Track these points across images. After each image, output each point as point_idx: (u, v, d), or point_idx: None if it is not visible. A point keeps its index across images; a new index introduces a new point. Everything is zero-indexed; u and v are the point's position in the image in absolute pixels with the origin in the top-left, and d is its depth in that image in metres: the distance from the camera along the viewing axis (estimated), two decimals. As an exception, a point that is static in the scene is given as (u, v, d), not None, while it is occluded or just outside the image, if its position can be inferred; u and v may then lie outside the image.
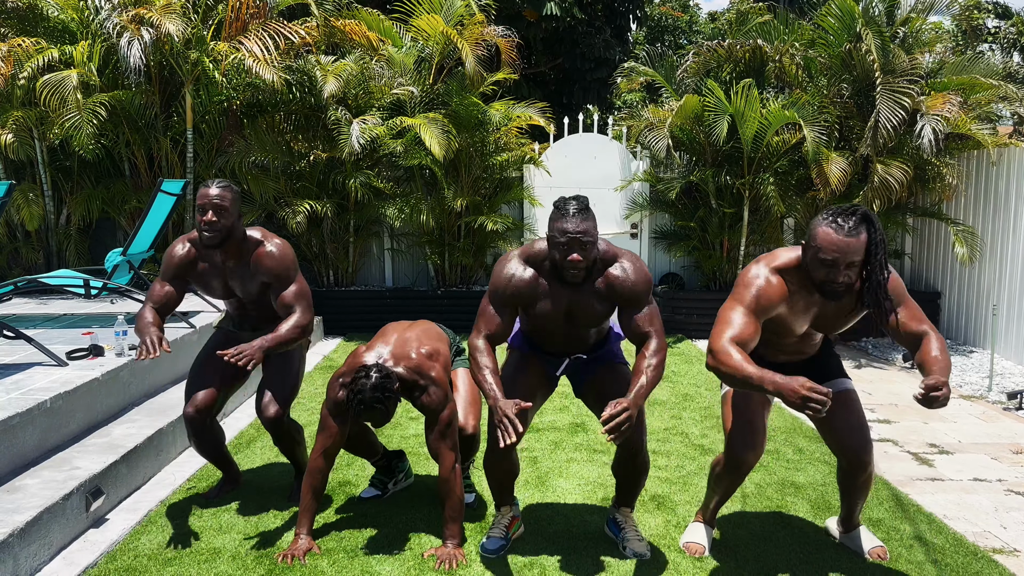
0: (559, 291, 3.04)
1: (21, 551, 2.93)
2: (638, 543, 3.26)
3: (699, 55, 8.21)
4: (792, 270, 2.82)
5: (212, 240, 3.40)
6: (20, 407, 3.57)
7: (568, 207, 2.90)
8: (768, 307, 2.79)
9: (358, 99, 8.08)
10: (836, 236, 2.62)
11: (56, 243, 8.06)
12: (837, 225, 2.63)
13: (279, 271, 3.50)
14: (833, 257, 2.63)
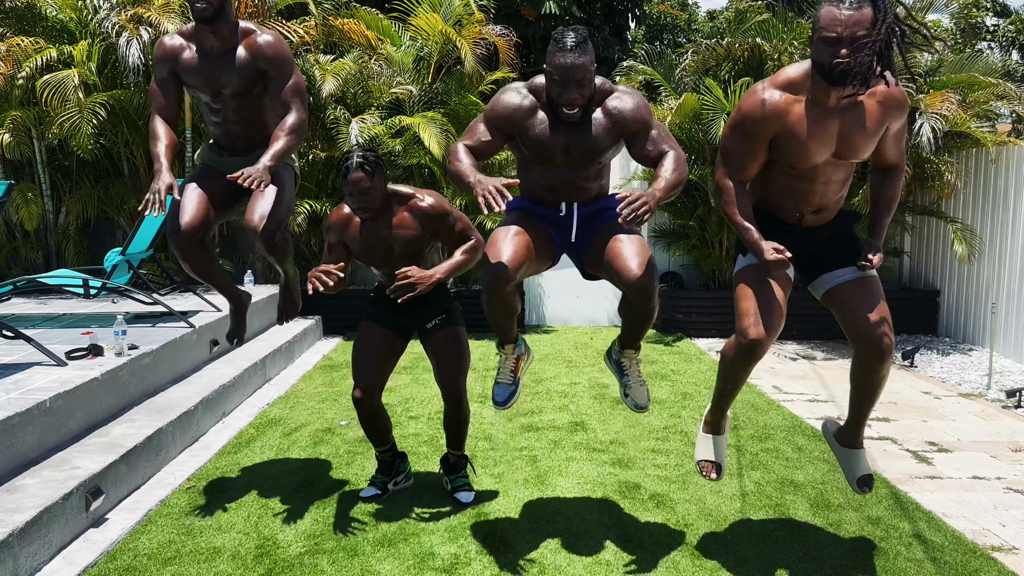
0: (558, 123, 2.96)
1: (21, 551, 2.93)
2: (639, 392, 3.26)
3: (698, 54, 8.21)
4: (799, 83, 2.70)
5: (204, 13, 3.29)
6: (19, 407, 3.57)
7: (566, 39, 2.77)
8: (766, 129, 2.72)
9: (357, 98, 8.08)
10: (837, 11, 2.49)
11: (55, 243, 8.06)
12: (838, 1, 2.50)
13: (278, 58, 3.42)
14: (836, 32, 2.49)
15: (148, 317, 5.90)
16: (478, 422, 5.09)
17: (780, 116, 2.70)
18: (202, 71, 3.45)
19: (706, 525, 3.50)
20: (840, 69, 2.53)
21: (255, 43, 3.43)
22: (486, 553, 3.23)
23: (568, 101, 2.82)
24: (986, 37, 15.01)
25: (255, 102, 3.53)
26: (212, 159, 3.69)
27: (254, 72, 3.44)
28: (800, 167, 2.80)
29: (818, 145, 2.73)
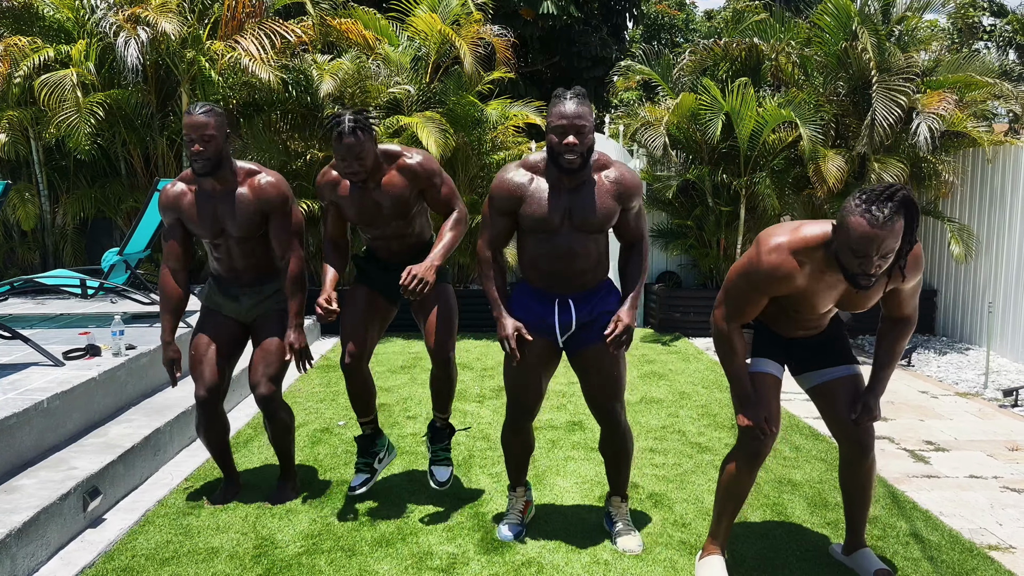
0: (557, 191, 3.04)
1: (19, 551, 2.93)
2: (629, 539, 3.27)
3: (695, 53, 8.22)
4: (817, 249, 2.64)
5: (203, 169, 3.39)
6: (17, 407, 3.56)
7: (565, 94, 2.93)
8: (775, 288, 2.74)
9: (355, 98, 8.08)
10: (869, 229, 2.38)
11: (52, 243, 8.05)
12: (871, 216, 2.37)
13: (278, 200, 3.53)
14: (866, 251, 2.42)
15: (146, 317, 5.90)
16: (476, 422, 5.09)
17: (793, 277, 2.70)
18: (204, 215, 3.51)
19: (704, 524, 3.50)
20: (864, 282, 2.54)
21: (256, 184, 3.52)
22: (484, 553, 3.23)
23: (568, 146, 2.89)
24: (983, 37, 15.04)
25: (258, 241, 3.61)
26: (214, 302, 3.76)
27: (257, 214, 3.53)
28: (804, 314, 2.92)
29: (825, 301, 2.82)
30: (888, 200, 2.39)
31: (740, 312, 2.87)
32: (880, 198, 2.40)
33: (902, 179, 7.30)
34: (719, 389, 5.97)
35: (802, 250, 2.65)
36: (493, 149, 8.29)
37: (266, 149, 7.84)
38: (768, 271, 2.69)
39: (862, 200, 2.42)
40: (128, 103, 7.45)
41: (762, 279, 2.72)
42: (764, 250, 2.68)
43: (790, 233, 2.68)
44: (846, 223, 2.44)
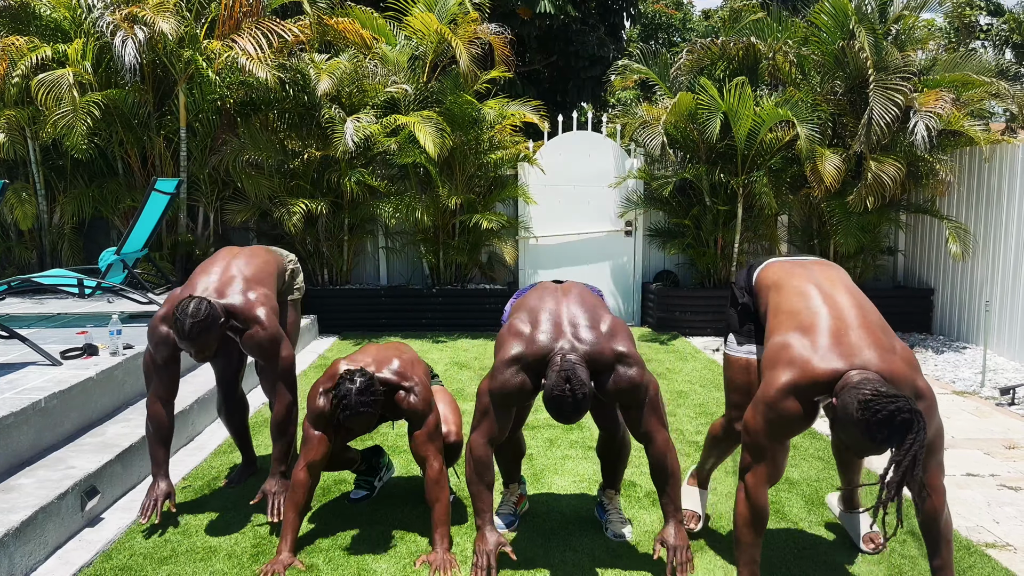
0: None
1: (16, 550, 2.93)
2: (619, 525, 3.42)
3: (693, 53, 8.22)
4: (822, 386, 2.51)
5: (201, 362, 3.42)
6: (14, 407, 3.56)
7: (565, 407, 2.68)
8: (795, 432, 2.62)
9: (352, 97, 8.08)
10: (863, 442, 2.33)
11: (49, 242, 8.04)
12: (869, 436, 2.29)
13: (263, 351, 3.43)
14: (859, 452, 2.40)
15: (143, 316, 5.89)
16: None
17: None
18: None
19: (701, 522, 3.51)
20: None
21: (247, 339, 3.41)
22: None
23: (565, 423, 2.79)
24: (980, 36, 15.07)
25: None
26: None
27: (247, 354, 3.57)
28: None
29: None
30: (888, 423, 2.26)
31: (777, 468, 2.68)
32: (883, 421, 2.26)
33: (899, 178, 7.31)
34: (716, 388, 5.98)
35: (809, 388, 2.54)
36: (491, 148, 8.29)
37: (263, 148, 7.84)
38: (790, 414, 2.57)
39: (866, 413, 2.28)
40: (125, 102, 7.44)
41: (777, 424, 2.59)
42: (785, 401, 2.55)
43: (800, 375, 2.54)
44: (848, 429, 2.35)
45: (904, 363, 2.50)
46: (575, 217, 8.79)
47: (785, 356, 2.57)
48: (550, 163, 8.66)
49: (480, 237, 8.37)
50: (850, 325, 2.58)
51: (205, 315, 3.16)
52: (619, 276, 8.87)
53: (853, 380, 2.39)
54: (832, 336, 2.55)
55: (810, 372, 2.50)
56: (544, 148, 8.75)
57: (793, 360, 2.54)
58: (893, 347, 2.53)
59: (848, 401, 2.34)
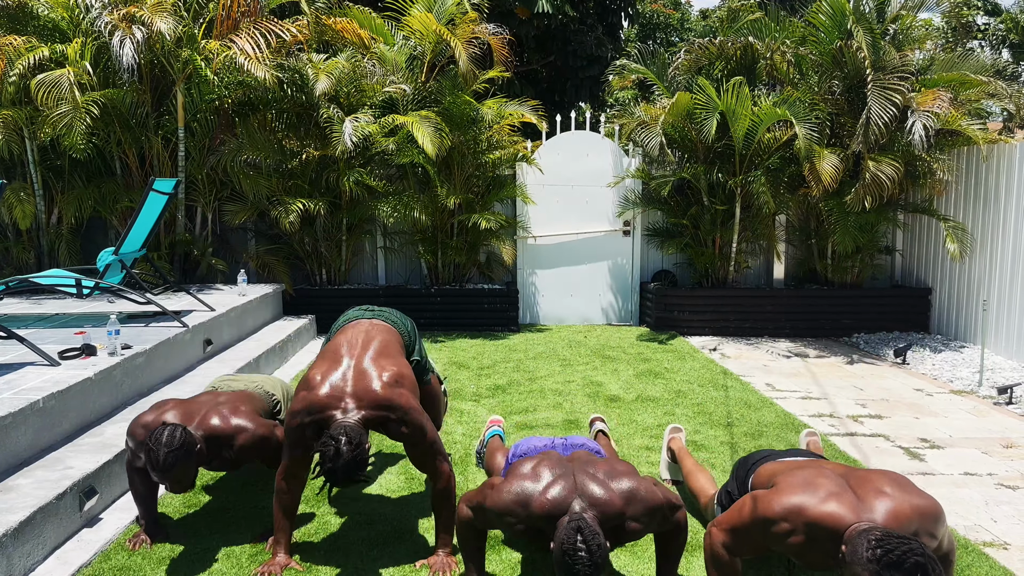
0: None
1: (15, 551, 2.93)
2: None
3: (690, 52, 8.23)
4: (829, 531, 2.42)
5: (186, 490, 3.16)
6: (13, 407, 3.56)
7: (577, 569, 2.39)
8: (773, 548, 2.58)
9: (350, 97, 8.08)
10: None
11: (47, 243, 8.03)
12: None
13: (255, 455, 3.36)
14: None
15: (141, 317, 5.89)
16: (473, 420, 5.10)
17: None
18: None
19: (698, 524, 3.51)
20: None
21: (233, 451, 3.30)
22: (481, 551, 3.24)
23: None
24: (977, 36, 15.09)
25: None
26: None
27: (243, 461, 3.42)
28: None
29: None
30: (898, 567, 2.14)
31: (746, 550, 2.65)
32: (894, 564, 2.15)
33: (897, 177, 7.32)
34: (714, 387, 5.98)
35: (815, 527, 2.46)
36: (489, 148, 8.29)
37: (261, 148, 7.84)
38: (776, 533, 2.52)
39: (875, 559, 2.18)
40: (123, 102, 7.43)
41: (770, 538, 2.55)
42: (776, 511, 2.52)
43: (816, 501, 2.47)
44: (853, 571, 2.25)
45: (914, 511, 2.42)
46: (573, 217, 8.80)
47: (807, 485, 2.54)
48: (548, 163, 8.67)
49: (478, 237, 8.37)
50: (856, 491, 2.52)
51: (180, 443, 2.98)
52: (617, 275, 8.87)
53: (862, 527, 2.32)
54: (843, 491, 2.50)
55: (816, 510, 2.43)
56: (542, 148, 8.76)
57: (814, 489, 2.50)
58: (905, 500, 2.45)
59: (857, 547, 2.25)
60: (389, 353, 3.20)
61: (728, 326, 8.30)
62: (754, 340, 8.10)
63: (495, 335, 8.06)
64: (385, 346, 3.24)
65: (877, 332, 8.25)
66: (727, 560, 2.66)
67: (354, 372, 3.05)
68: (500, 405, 5.45)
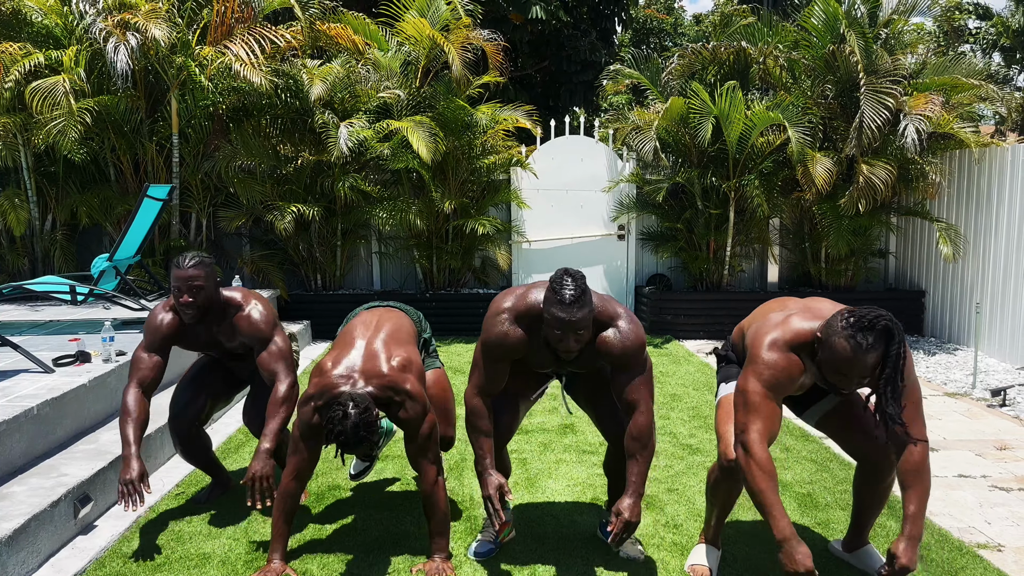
0: (549, 351, 2.99)
1: (9, 559, 2.92)
2: (631, 546, 3.27)
3: (684, 57, 8.26)
4: (805, 345, 2.69)
5: (192, 319, 3.38)
6: (7, 414, 3.55)
7: (564, 292, 2.72)
8: (788, 388, 2.71)
9: (344, 103, 8.09)
10: (851, 354, 2.48)
11: (42, 249, 8.02)
12: (855, 343, 2.47)
13: (257, 335, 3.46)
14: (847, 371, 2.53)
15: (136, 323, 5.88)
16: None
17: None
18: (193, 343, 3.55)
19: (696, 525, 3.52)
20: (841, 392, 2.71)
21: (243, 319, 3.46)
22: (476, 556, 3.23)
23: (565, 350, 2.82)
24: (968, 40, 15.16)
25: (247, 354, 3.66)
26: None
27: (244, 344, 3.52)
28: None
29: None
30: (871, 330, 2.48)
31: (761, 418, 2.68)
32: (865, 327, 2.48)
33: (890, 181, 7.35)
34: (709, 391, 5.99)
35: (796, 346, 2.69)
36: (483, 153, 8.31)
37: (256, 154, 7.84)
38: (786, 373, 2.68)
39: (848, 325, 2.50)
40: (117, 109, 7.43)
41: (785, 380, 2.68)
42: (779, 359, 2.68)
43: (783, 334, 2.70)
44: (832, 343, 2.53)
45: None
46: (568, 221, 8.81)
47: (769, 323, 2.77)
48: (543, 167, 8.68)
49: (473, 242, 8.38)
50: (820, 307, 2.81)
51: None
52: (612, 279, 8.89)
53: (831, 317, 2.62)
54: (806, 309, 2.79)
55: (789, 330, 2.70)
56: (537, 152, 8.77)
57: (772, 324, 2.75)
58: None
59: (832, 322, 2.55)
60: (400, 338, 3.29)
61: (723, 330, 8.31)
62: (749, 344, 8.11)
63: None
64: (397, 330, 3.34)
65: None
66: (766, 459, 2.59)
67: (365, 353, 3.15)
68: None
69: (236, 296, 3.51)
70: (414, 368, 3.16)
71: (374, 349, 3.16)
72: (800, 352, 2.69)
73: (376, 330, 3.29)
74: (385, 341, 3.21)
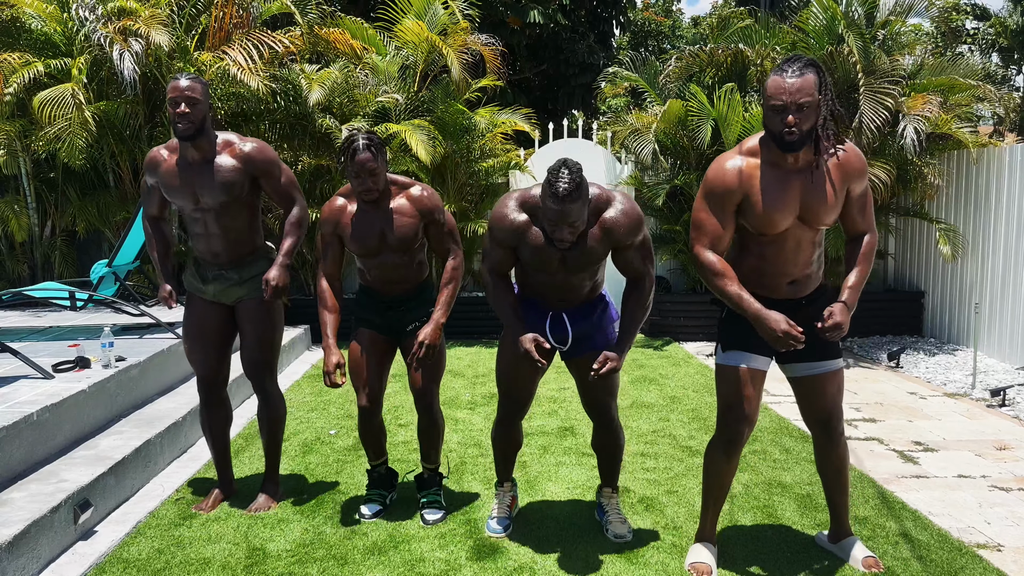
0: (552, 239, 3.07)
1: (9, 564, 2.92)
2: (619, 525, 3.42)
3: (681, 60, 8.27)
4: (758, 148, 2.87)
5: (186, 131, 3.43)
6: (6, 420, 3.56)
7: (559, 184, 2.82)
8: (728, 192, 2.86)
9: (343, 107, 8.10)
10: (781, 79, 2.67)
11: (41, 255, 8.03)
12: (781, 71, 2.68)
13: (267, 162, 3.61)
14: (782, 101, 2.67)
15: (135, 329, 5.89)
16: (467, 429, 5.10)
17: (744, 182, 2.85)
18: (183, 182, 3.57)
19: (695, 527, 3.52)
20: (789, 136, 2.71)
21: (239, 152, 3.57)
22: (476, 559, 3.24)
23: (559, 239, 2.94)
24: (966, 40, 15.17)
25: (236, 214, 3.62)
26: (197, 288, 3.76)
27: (239, 182, 3.55)
28: (768, 233, 2.89)
29: (781, 208, 2.83)
30: (796, 60, 2.71)
31: (716, 236, 2.90)
32: (789, 60, 2.72)
33: (890, 181, 7.35)
34: (709, 393, 5.99)
35: (748, 152, 2.88)
36: (482, 156, 8.32)
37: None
38: (721, 178, 2.88)
39: (776, 66, 2.74)
40: (116, 115, 7.44)
41: (722, 190, 2.87)
42: (715, 164, 2.93)
43: (736, 146, 2.96)
44: (765, 86, 2.74)
45: None
46: (567, 224, 8.81)
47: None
48: (541, 171, 8.67)
49: (473, 245, 8.38)
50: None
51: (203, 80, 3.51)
52: (611, 282, 8.84)
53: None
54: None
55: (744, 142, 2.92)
56: (535, 156, 8.78)
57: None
58: None
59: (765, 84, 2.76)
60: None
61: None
62: (748, 345, 8.11)
63: (490, 343, 8.06)
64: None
65: (871, 336, 8.27)
66: (712, 261, 2.88)
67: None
68: (494, 412, 5.44)
69: (230, 136, 3.63)
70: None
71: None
72: (752, 155, 2.86)
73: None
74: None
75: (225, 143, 3.58)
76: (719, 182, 2.87)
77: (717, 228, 2.87)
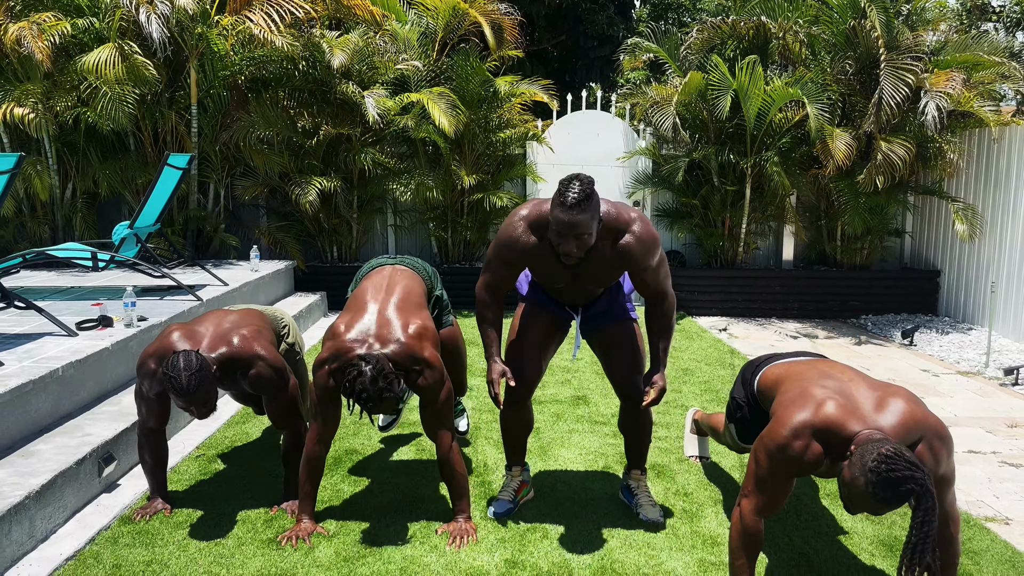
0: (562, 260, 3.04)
1: (37, 513, 3.01)
2: (651, 509, 3.33)
3: (703, 32, 8.21)
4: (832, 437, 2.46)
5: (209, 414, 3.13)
6: (33, 375, 3.63)
7: (568, 195, 2.74)
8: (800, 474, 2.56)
9: (362, 74, 8.09)
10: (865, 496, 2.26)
11: (63, 216, 8.10)
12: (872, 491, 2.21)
13: (268, 388, 3.29)
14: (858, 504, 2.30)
15: (156, 290, 5.97)
16: (481, 395, 5.16)
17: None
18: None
19: (705, 494, 3.58)
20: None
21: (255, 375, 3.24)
22: (491, 520, 3.31)
23: (565, 252, 2.87)
24: (992, 17, 14.94)
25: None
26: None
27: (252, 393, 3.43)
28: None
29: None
30: (893, 487, 2.19)
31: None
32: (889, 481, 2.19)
33: (908, 158, 7.31)
34: (721, 366, 6.03)
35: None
36: (500, 127, 8.31)
37: (274, 125, 7.87)
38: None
39: (874, 469, 2.21)
40: (142, 78, 7.45)
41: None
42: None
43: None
44: (854, 472, 2.28)
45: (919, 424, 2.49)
46: (583, 196, 8.81)
47: (800, 398, 2.54)
48: (558, 142, 8.68)
49: (489, 215, 8.41)
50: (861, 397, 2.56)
51: (198, 367, 2.99)
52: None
53: (876, 437, 2.33)
54: (847, 398, 2.53)
55: (825, 416, 2.44)
56: (553, 127, 8.77)
57: (809, 401, 2.51)
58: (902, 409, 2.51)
59: (865, 451, 2.27)
60: (413, 302, 3.26)
61: (737, 307, 8.33)
62: (763, 321, 8.14)
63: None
64: (409, 293, 3.31)
65: (885, 314, 8.27)
66: (756, 531, 2.57)
67: (378, 319, 3.12)
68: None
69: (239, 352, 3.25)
70: (429, 335, 3.13)
71: (387, 316, 3.13)
72: (825, 443, 2.44)
73: (388, 294, 3.26)
74: (398, 306, 3.19)
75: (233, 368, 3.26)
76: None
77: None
